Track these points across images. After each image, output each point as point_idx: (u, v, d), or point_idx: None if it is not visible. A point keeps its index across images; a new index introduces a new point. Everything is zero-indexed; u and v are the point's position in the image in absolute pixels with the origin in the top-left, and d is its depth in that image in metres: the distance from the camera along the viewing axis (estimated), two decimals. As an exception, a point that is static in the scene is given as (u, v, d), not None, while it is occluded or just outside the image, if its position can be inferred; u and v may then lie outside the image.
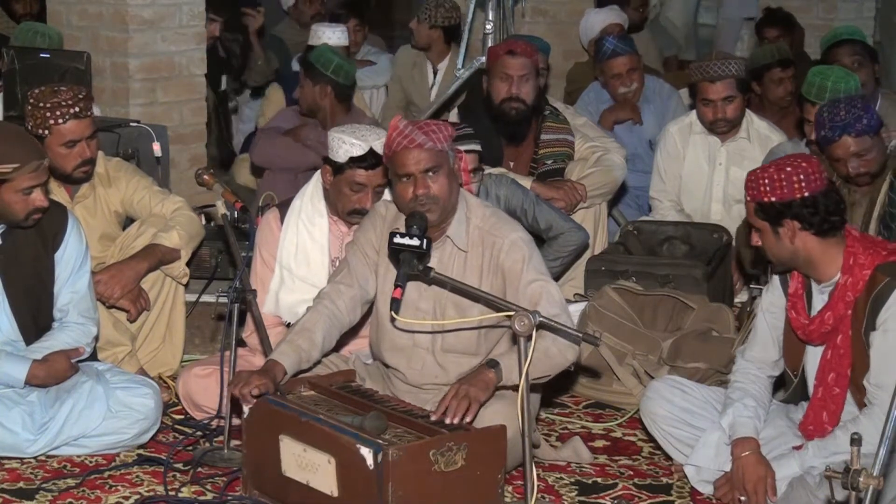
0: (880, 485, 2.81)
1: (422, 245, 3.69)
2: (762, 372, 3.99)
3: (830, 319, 3.74)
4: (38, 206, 4.05)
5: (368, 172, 4.23)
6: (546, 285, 3.87)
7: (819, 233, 3.68)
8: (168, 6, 6.57)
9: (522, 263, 3.88)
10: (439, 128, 3.87)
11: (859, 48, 6.37)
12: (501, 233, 3.93)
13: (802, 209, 3.66)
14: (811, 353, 3.87)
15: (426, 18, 7.54)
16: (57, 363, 4.15)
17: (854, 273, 3.70)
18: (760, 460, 3.81)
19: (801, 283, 3.84)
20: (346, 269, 4.04)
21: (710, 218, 5.80)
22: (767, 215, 3.72)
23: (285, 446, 3.65)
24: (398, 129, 3.82)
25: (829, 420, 3.79)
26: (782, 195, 3.67)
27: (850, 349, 3.71)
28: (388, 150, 3.86)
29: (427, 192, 3.82)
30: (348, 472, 3.50)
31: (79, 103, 4.50)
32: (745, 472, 3.81)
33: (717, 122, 5.70)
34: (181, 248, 4.74)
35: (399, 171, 3.84)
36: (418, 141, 3.80)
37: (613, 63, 6.44)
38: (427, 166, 3.81)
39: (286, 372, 3.85)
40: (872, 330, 3.64)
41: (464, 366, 3.96)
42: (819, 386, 3.82)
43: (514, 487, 3.91)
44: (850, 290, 3.70)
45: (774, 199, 3.68)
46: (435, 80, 7.62)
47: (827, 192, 3.69)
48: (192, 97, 6.77)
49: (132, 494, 3.93)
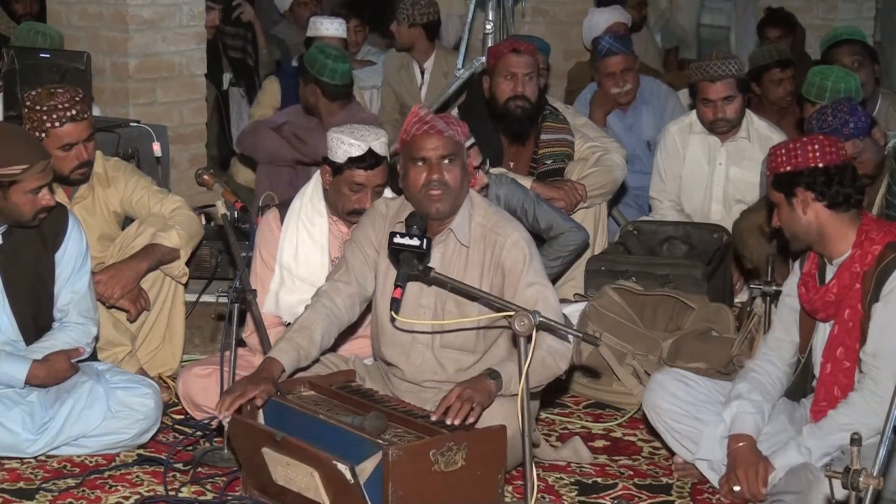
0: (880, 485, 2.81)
1: (422, 245, 3.70)
2: (781, 362, 4.00)
3: (835, 288, 3.77)
4: (45, 205, 4.06)
5: (367, 173, 4.23)
6: (544, 290, 3.87)
7: (831, 205, 3.73)
8: (168, 6, 6.57)
9: (523, 264, 3.89)
10: (458, 122, 3.91)
11: (859, 48, 6.38)
12: (504, 231, 3.93)
13: (815, 178, 3.72)
14: (820, 332, 3.89)
15: (405, 18, 7.54)
16: (57, 363, 4.15)
17: (864, 247, 3.74)
18: (754, 451, 3.84)
19: (815, 263, 3.89)
20: (344, 268, 4.04)
21: (710, 218, 5.80)
22: (782, 185, 3.79)
23: (270, 458, 3.66)
24: (418, 116, 3.85)
25: (842, 395, 3.80)
26: (796, 164, 3.75)
27: (858, 323, 3.74)
28: (406, 135, 3.87)
29: (441, 178, 3.82)
30: (334, 484, 3.50)
31: (75, 106, 4.49)
32: (737, 460, 3.84)
33: (717, 122, 5.70)
34: (180, 247, 4.74)
35: (415, 154, 3.85)
36: (439, 127, 3.82)
37: (608, 62, 6.43)
38: (444, 153, 3.83)
39: (284, 370, 3.85)
40: (876, 302, 3.68)
41: (462, 362, 3.97)
42: (827, 362, 3.84)
43: (514, 487, 3.91)
44: (857, 263, 3.74)
45: (789, 168, 3.76)
46: (423, 80, 7.61)
47: (842, 167, 3.75)
48: (192, 97, 6.78)
49: (132, 494, 3.92)
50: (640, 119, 6.53)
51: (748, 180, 5.71)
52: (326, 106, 5.95)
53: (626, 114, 6.53)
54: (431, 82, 7.49)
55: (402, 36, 7.61)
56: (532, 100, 5.50)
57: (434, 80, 7.46)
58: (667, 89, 6.72)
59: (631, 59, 6.48)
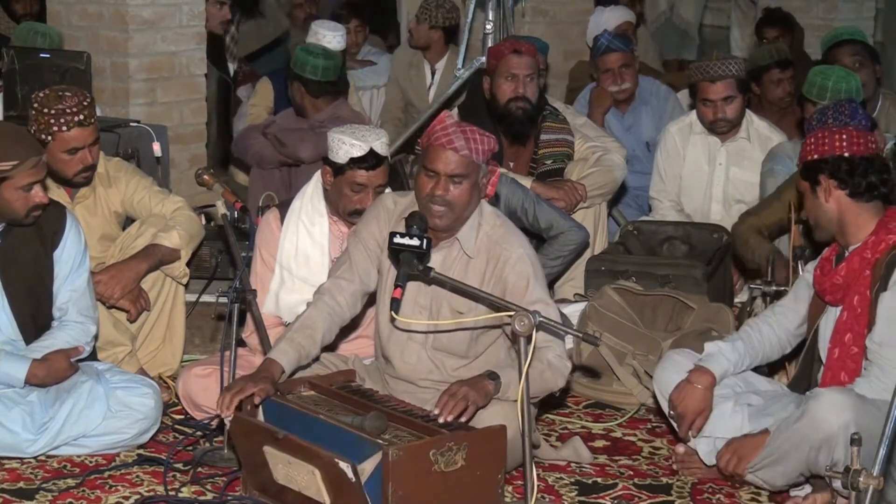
0: (880, 485, 2.82)
1: (422, 245, 3.69)
2: (779, 327, 4.08)
3: (843, 271, 3.82)
4: (38, 202, 4.05)
5: (369, 173, 4.23)
6: (546, 309, 3.84)
7: (853, 194, 3.81)
8: (168, 6, 6.57)
9: (527, 281, 3.88)
10: (484, 140, 3.86)
11: (860, 48, 6.37)
12: (510, 246, 3.92)
13: (839, 166, 3.80)
14: (830, 317, 3.92)
15: (426, 19, 7.53)
16: (56, 362, 4.15)
17: (879, 235, 3.79)
18: (706, 397, 3.93)
19: (835, 249, 3.94)
20: (347, 263, 4.04)
21: (710, 218, 5.80)
22: (808, 173, 3.88)
23: (271, 457, 3.65)
24: (443, 125, 3.84)
25: (849, 380, 3.83)
26: (823, 152, 3.84)
27: (866, 310, 3.78)
28: (426, 140, 3.88)
29: (444, 195, 3.82)
30: (335, 483, 3.50)
31: (83, 111, 4.48)
32: (685, 397, 3.95)
33: (718, 122, 5.70)
34: (181, 248, 4.74)
35: (428, 164, 3.85)
36: (456, 144, 3.80)
37: (606, 59, 6.42)
38: (455, 172, 3.82)
39: (284, 370, 3.85)
40: (884, 291, 3.72)
41: (451, 366, 3.97)
42: (835, 347, 3.88)
43: (514, 487, 3.91)
44: (869, 250, 3.79)
45: (816, 156, 3.86)
46: (433, 80, 7.61)
47: (870, 159, 3.81)
48: (192, 97, 6.77)
49: (132, 494, 3.92)
50: (639, 120, 6.53)
51: (748, 180, 5.70)
52: (312, 103, 5.97)
53: (626, 114, 6.53)
54: (441, 83, 7.48)
55: (420, 36, 7.60)
56: (533, 101, 5.50)
57: (444, 81, 7.43)
58: (666, 90, 6.72)
59: (629, 57, 6.47)
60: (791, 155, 5.39)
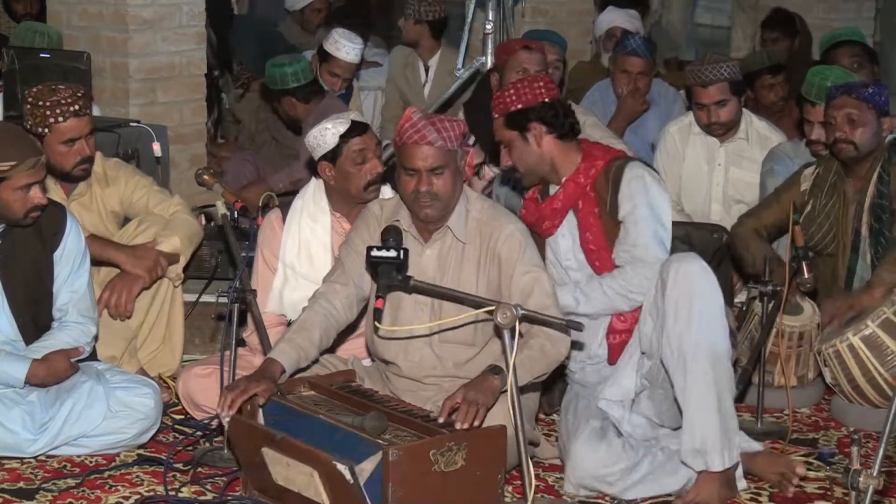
0: (880, 485, 2.82)
1: (399, 256, 3.74)
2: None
3: (561, 196, 4.13)
4: (37, 203, 4.05)
5: (363, 136, 4.29)
6: (539, 275, 3.91)
7: (561, 136, 4.11)
8: (168, 6, 6.57)
9: (518, 253, 3.92)
10: (452, 125, 3.90)
11: (859, 49, 6.37)
12: (499, 223, 3.96)
13: (547, 112, 4.08)
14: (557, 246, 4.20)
15: (410, 14, 7.56)
16: (56, 363, 4.15)
17: (588, 162, 4.13)
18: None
19: (538, 189, 4.26)
20: (340, 269, 4.06)
21: (710, 218, 5.79)
22: (516, 123, 4.10)
23: (270, 459, 3.66)
24: (411, 121, 3.86)
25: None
26: (528, 100, 4.08)
27: (598, 218, 4.09)
28: (399, 140, 3.89)
29: (429, 190, 3.85)
30: (334, 484, 3.50)
31: (78, 101, 4.50)
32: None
33: (712, 126, 5.69)
34: (181, 252, 4.75)
35: (405, 164, 3.87)
36: (429, 138, 3.83)
37: (629, 60, 6.39)
38: (434, 165, 3.85)
39: (284, 370, 3.85)
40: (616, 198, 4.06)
41: (460, 356, 3.98)
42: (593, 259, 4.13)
43: (513, 487, 3.91)
44: (581, 175, 4.11)
45: (521, 106, 4.08)
46: (427, 78, 7.61)
47: (562, 101, 4.16)
48: (192, 97, 6.77)
49: (132, 494, 3.93)
50: (645, 121, 6.50)
51: (748, 181, 5.70)
52: (305, 109, 6.12)
53: (632, 116, 6.53)
54: (436, 80, 7.49)
55: (408, 32, 7.62)
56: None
57: (438, 79, 7.45)
58: (674, 92, 6.70)
59: (649, 65, 6.43)
60: (791, 155, 5.39)
